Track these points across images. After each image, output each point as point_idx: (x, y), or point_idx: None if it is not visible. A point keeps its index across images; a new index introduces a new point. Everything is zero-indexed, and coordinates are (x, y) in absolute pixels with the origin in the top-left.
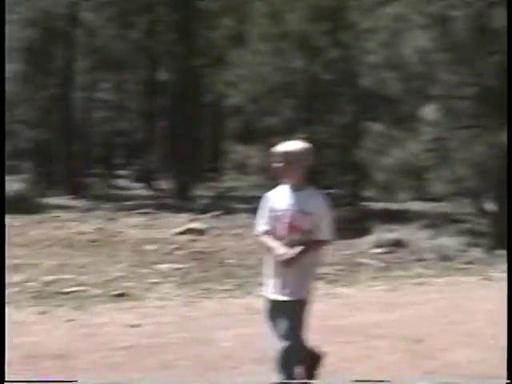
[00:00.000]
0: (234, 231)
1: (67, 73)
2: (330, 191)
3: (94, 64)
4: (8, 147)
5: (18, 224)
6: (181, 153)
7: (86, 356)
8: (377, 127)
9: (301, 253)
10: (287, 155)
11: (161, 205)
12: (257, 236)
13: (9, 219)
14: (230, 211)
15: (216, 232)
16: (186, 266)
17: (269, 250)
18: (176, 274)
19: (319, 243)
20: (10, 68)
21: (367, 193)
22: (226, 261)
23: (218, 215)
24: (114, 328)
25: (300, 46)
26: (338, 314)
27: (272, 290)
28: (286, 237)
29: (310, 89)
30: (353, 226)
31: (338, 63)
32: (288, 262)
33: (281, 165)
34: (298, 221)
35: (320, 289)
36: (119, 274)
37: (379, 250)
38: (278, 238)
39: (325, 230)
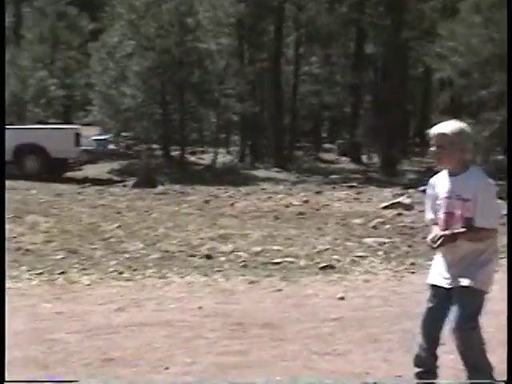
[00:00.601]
0: None
1: (276, 47)
2: None
3: (303, 37)
4: (218, 120)
5: (227, 195)
6: (388, 127)
7: (293, 326)
8: None
9: (447, 237)
10: (441, 138)
11: (367, 179)
12: (426, 225)
13: (218, 190)
14: None
15: (423, 207)
16: (392, 240)
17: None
18: (382, 248)
19: (477, 231)
20: (221, 42)
21: None
22: None
23: (424, 190)
24: (321, 300)
25: None
26: None
27: (437, 276)
28: (447, 225)
29: None
30: None
31: None
32: (435, 245)
33: (436, 148)
34: (457, 208)
35: None
36: (325, 246)
37: None
38: (441, 227)
39: (483, 217)
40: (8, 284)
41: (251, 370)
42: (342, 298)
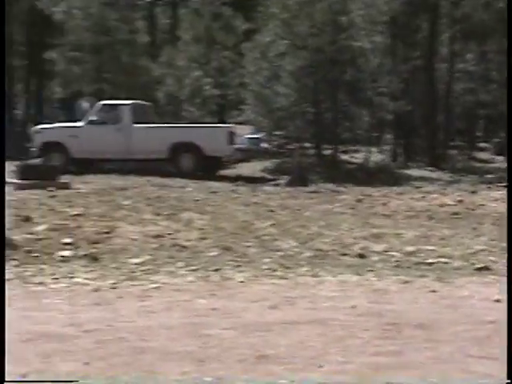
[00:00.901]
0: None
1: (430, 44)
2: None
3: (458, 34)
4: (371, 119)
5: (379, 194)
6: None
7: (447, 327)
8: None
9: None
10: None
11: None
12: None
13: (370, 189)
14: None
15: None
16: None
17: None
18: None
19: None
20: (374, 40)
21: None
22: None
23: None
24: (477, 301)
25: None
26: None
27: None
28: None
29: None
30: None
31: None
32: None
33: None
34: None
35: None
36: (481, 247)
37: None
38: None
39: None
40: (164, 279)
41: (404, 371)
42: (498, 301)
